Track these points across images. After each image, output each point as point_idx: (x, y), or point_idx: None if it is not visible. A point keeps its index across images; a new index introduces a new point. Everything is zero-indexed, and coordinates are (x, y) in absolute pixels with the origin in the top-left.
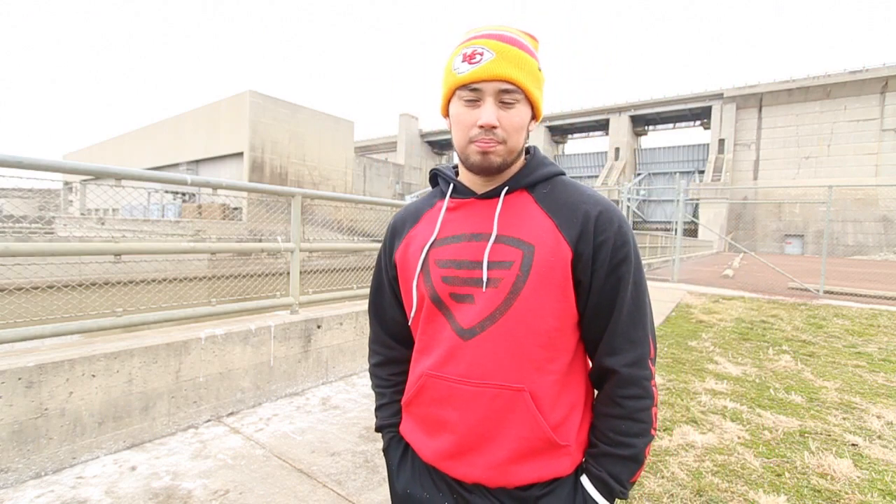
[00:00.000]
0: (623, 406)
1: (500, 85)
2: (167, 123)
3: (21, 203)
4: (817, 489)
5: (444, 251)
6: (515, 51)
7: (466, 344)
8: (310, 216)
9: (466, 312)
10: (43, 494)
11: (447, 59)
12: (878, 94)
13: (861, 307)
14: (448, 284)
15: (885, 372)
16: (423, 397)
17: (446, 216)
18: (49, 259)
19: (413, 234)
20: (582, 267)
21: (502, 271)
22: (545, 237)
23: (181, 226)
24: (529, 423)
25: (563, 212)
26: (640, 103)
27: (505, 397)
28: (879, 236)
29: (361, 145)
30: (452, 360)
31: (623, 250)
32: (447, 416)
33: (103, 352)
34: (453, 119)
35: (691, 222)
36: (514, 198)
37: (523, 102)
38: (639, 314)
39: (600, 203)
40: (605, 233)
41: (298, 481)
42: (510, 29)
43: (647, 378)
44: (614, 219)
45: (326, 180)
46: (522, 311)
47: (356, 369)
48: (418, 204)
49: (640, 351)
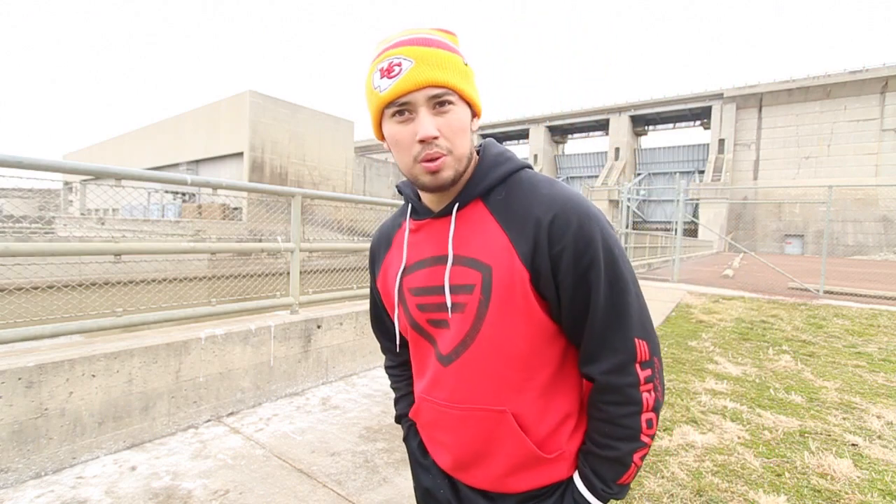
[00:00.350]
0: (604, 411)
1: (428, 92)
2: (167, 123)
3: (21, 203)
4: (817, 489)
5: (414, 278)
6: (434, 51)
7: (447, 370)
8: (310, 216)
9: (444, 338)
10: (43, 494)
11: (365, 79)
12: (878, 94)
13: (861, 307)
14: (423, 312)
15: (885, 372)
16: (421, 418)
17: (410, 239)
18: (49, 259)
19: (388, 260)
20: (543, 283)
21: (466, 296)
22: (500, 256)
23: (181, 226)
24: (515, 442)
25: (516, 223)
26: (640, 103)
27: (490, 419)
28: (879, 236)
29: (361, 145)
30: (437, 385)
31: (588, 254)
32: (441, 437)
33: (103, 352)
34: (390, 141)
35: (691, 222)
36: (469, 211)
37: (458, 103)
38: (619, 318)
39: (554, 204)
40: (561, 241)
41: (298, 481)
42: (422, 30)
43: (631, 385)
44: (571, 220)
45: (326, 180)
46: (490, 335)
47: (356, 369)
48: (389, 225)
49: (621, 357)
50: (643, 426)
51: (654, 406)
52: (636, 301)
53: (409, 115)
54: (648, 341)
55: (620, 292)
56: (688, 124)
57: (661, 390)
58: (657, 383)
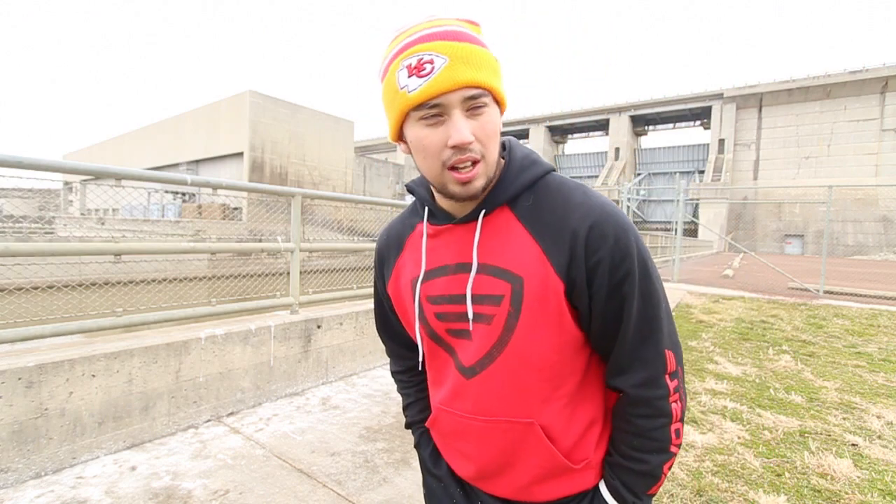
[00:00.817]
0: (634, 424)
1: (465, 93)
2: (167, 123)
3: (21, 203)
4: (817, 489)
5: (433, 286)
6: (468, 47)
7: (469, 382)
8: (310, 216)
9: (466, 349)
10: (43, 494)
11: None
12: (878, 94)
13: (861, 307)
14: (443, 321)
15: (885, 372)
16: (440, 428)
17: (429, 245)
18: (49, 259)
19: (401, 264)
20: (577, 294)
21: (493, 307)
22: (533, 267)
23: (181, 226)
24: (543, 453)
25: (549, 232)
26: (640, 103)
27: (516, 430)
28: (879, 236)
29: (361, 145)
30: (459, 397)
31: (624, 266)
32: (463, 447)
33: (103, 352)
34: (414, 145)
35: (691, 222)
36: (495, 218)
37: (492, 104)
38: (650, 329)
39: (591, 214)
40: (598, 252)
41: (298, 481)
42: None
43: (661, 397)
44: (608, 232)
45: (326, 180)
46: (519, 348)
47: (356, 369)
48: (399, 226)
49: (652, 370)
50: (672, 437)
51: (681, 416)
52: (666, 313)
53: (439, 118)
54: (675, 352)
55: (653, 305)
56: (688, 124)
57: (685, 398)
58: (682, 392)
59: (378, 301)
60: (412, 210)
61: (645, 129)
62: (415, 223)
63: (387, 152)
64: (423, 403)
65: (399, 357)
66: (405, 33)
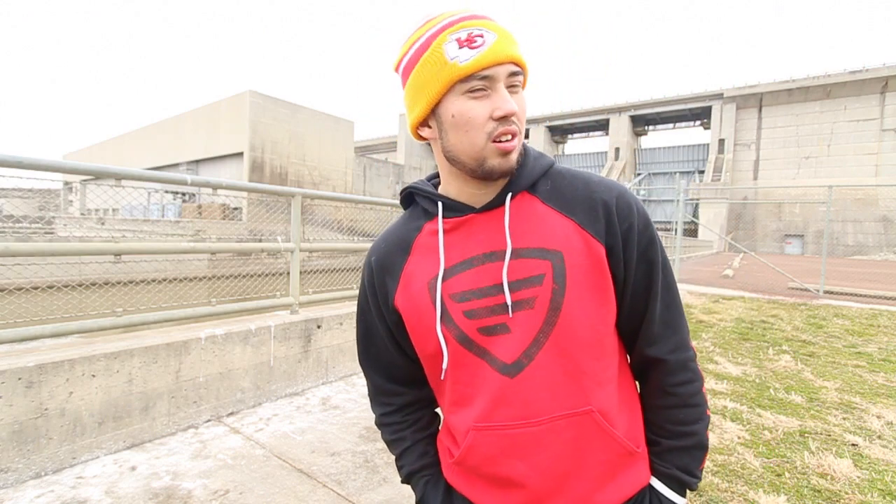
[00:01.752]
0: (677, 395)
1: (510, 68)
2: (167, 123)
3: (21, 203)
4: (817, 489)
5: (457, 282)
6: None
7: (514, 381)
8: (310, 216)
9: (505, 345)
10: (43, 494)
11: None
12: (878, 94)
13: (861, 307)
14: (473, 319)
15: (885, 372)
16: (475, 457)
17: (447, 241)
18: (49, 259)
19: (410, 269)
20: (615, 260)
21: (534, 288)
22: (571, 240)
23: (181, 226)
24: (607, 443)
25: (580, 207)
26: (640, 103)
27: (575, 426)
28: (879, 236)
29: (361, 145)
30: (502, 403)
31: (648, 232)
32: (511, 471)
33: (103, 352)
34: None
35: (691, 222)
36: (518, 203)
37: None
38: (671, 296)
39: (613, 188)
40: (628, 218)
41: (298, 481)
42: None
43: (692, 359)
44: (632, 201)
45: (326, 180)
46: (569, 325)
47: (356, 369)
48: (400, 231)
49: (681, 335)
50: (706, 398)
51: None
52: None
53: (484, 91)
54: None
55: (670, 273)
56: (688, 124)
57: None
58: None
59: (365, 327)
60: (411, 215)
61: (645, 129)
62: (420, 225)
63: (387, 152)
64: (425, 444)
65: (388, 395)
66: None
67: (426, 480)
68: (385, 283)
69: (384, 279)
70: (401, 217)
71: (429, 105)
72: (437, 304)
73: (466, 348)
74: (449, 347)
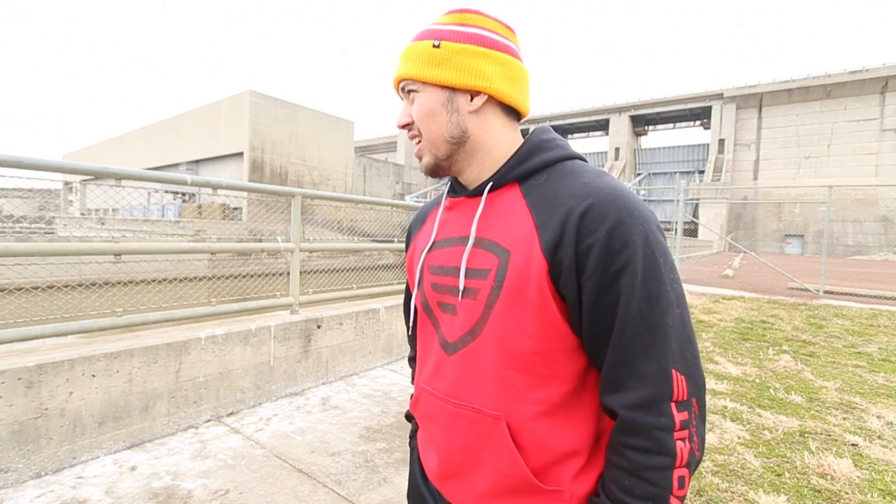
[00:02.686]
0: (626, 458)
1: (401, 86)
2: (167, 123)
3: (21, 203)
4: (817, 489)
5: (436, 256)
6: (412, 46)
7: (450, 359)
8: (310, 216)
9: (450, 324)
10: (43, 494)
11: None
12: (878, 94)
13: (861, 307)
14: (436, 292)
15: (885, 372)
16: (419, 410)
17: (443, 217)
18: (49, 259)
19: (419, 237)
20: (564, 280)
21: (479, 281)
22: (522, 242)
23: (181, 226)
24: (506, 457)
25: (546, 208)
26: (640, 103)
27: (482, 424)
28: (879, 236)
29: (361, 145)
30: (439, 374)
31: (622, 255)
32: (433, 433)
33: (103, 352)
34: None
35: (691, 222)
36: (501, 193)
37: (426, 90)
38: (653, 339)
39: (594, 194)
40: (592, 235)
41: (298, 481)
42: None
43: (662, 427)
44: (609, 213)
45: (326, 180)
46: (496, 327)
47: (356, 369)
48: (429, 203)
49: (651, 390)
50: (674, 485)
51: (688, 460)
52: (679, 325)
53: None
54: (688, 378)
55: (659, 310)
56: (688, 124)
57: (699, 443)
58: (693, 431)
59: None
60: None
61: (645, 129)
62: (441, 199)
63: (387, 152)
64: None
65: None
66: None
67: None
68: (407, 244)
69: (408, 242)
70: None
71: None
72: (417, 270)
73: (427, 315)
74: (417, 310)
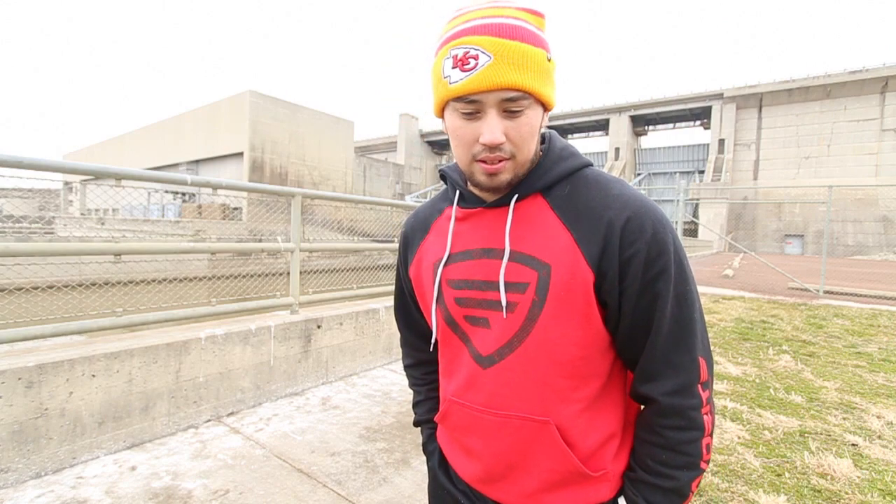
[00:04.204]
0: (664, 436)
1: (502, 94)
2: (167, 123)
3: (21, 203)
4: (817, 489)
5: (456, 269)
6: (517, 46)
7: (486, 372)
8: (310, 216)
9: (484, 338)
10: (43, 494)
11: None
12: (878, 94)
13: (861, 307)
14: (462, 307)
15: (885, 372)
16: (450, 422)
17: (456, 228)
18: (49, 259)
19: (425, 247)
20: (607, 288)
21: (517, 294)
22: (563, 255)
23: (181, 226)
24: (557, 455)
25: (584, 222)
26: (640, 103)
27: (529, 429)
28: (879, 236)
29: (361, 145)
30: (473, 387)
31: (659, 262)
32: (472, 443)
33: (103, 352)
34: (451, 132)
35: (691, 222)
36: (527, 205)
37: (533, 106)
38: (683, 334)
39: (629, 205)
40: (634, 245)
41: (298, 481)
42: (506, 10)
43: (695, 407)
44: (646, 225)
45: (326, 180)
46: (541, 339)
47: (356, 369)
48: (427, 210)
49: (685, 377)
50: (703, 452)
51: (711, 430)
52: (700, 319)
53: (476, 113)
54: (708, 361)
55: (688, 306)
56: (688, 124)
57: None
58: (712, 405)
59: (399, 287)
60: (443, 195)
61: (645, 129)
62: (443, 207)
63: (387, 152)
64: (433, 403)
65: (413, 348)
66: (460, 18)
67: (430, 432)
68: (406, 254)
69: (406, 250)
70: (438, 193)
71: (437, 107)
72: (435, 285)
73: (452, 330)
74: (438, 325)
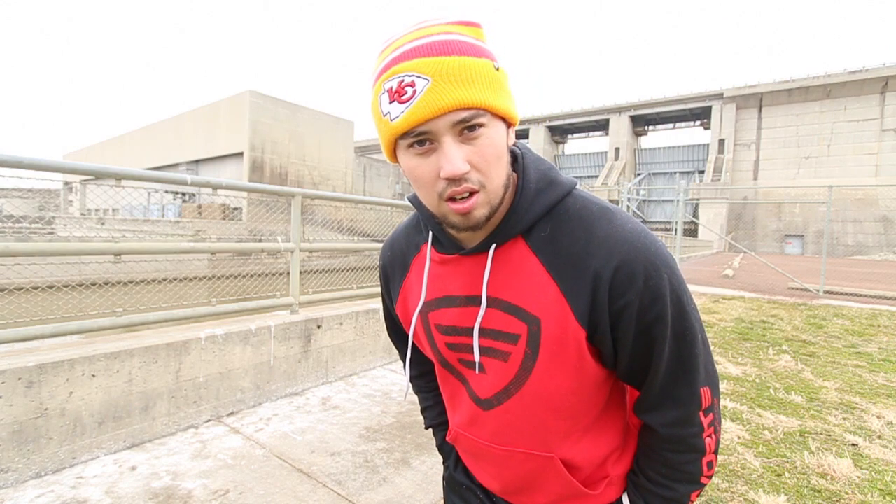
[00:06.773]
0: (663, 457)
1: (452, 117)
2: (167, 123)
3: (21, 203)
4: (817, 489)
5: (443, 315)
6: (456, 60)
7: (486, 413)
8: (310, 216)
9: (480, 382)
10: (43, 494)
11: (371, 98)
12: (878, 94)
13: (861, 307)
14: (454, 351)
15: (885, 372)
16: (461, 447)
17: (432, 272)
18: (49, 259)
19: (408, 286)
20: (600, 338)
21: (509, 345)
22: (551, 308)
23: (181, 226)
24: (562, 482)
25: (569, 271)
26: (640, 103)
27: (536, 461)
28: (879, 236)
29: (361, 145)
30: (475, 425)
31: (654, 309)
32: (485, 467)
33: (103, 352)
34: (408, 174)
35: (691, 222)
36: (507, 249)
37: (491, 122)
38: (684, 369)
39: (616, 252)
40: (625, 296)
41: (298, 481)
42: (437, 27)
43: (695, 434)
44: (637, 273)
45: (326, 180)
46: (536, 390)
47: (356, 369)
48: (403, 243)
49: (685, 410)
50: (704, 469)
51: (715, 448)
52: (703, 349)
53: (430, 145)
54: (712, 386)
55: (687, 343)
56: (688, 124)
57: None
58: (717, 425)
59: (388, 313)
60: (416, 226)
61: (645, 129)
62: (420, 243)
63: None
64: (442, 407)
65: (413, 362)
66: (389, 47)
67: (443, 434)
68: (389, 289)
69: (388, 286)
70: (409, 218)
71: (387, 151)
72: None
73: (449, 371)
74: (436, 365)
